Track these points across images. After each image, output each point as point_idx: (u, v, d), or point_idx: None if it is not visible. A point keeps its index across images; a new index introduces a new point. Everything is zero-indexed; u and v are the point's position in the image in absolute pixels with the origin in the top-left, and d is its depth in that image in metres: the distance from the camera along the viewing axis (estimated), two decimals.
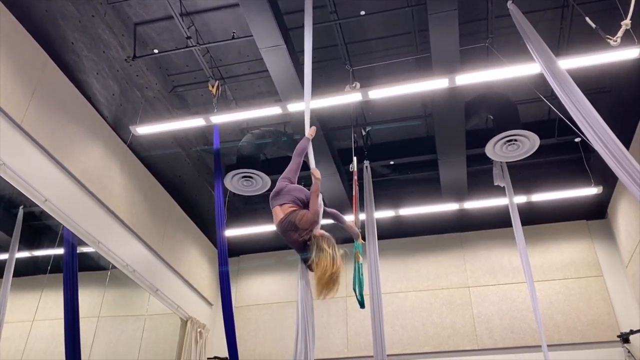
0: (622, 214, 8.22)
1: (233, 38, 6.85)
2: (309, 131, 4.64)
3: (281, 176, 4.31)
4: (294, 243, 4.04)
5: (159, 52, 7.18)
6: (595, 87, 7.21)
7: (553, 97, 5.99)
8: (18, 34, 5.71)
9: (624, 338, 7.91)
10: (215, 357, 9.02)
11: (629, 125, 7.09)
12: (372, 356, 6.47)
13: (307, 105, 4.93)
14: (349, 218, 5.91)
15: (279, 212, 4.08)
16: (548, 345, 6.66)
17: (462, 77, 6.26)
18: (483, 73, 6.27)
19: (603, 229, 8.97)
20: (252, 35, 6.25)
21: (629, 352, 7.81)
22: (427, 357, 8.62)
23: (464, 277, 9.15)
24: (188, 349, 8.39)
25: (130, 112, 7.49)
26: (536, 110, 7.96)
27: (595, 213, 9.04)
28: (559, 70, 4.64)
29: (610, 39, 4.75)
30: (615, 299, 8.38)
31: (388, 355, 6.53)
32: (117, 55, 7.02)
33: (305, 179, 5.35)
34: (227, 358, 7.97)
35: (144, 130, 7.11)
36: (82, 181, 6.49)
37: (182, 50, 7.02)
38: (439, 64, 6.29)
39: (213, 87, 7.25)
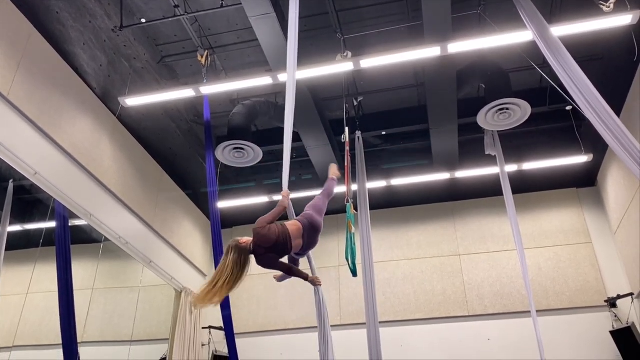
0: (612, 182, 8.30)
1: (222, 6, 6.72)
2: (332, 171, 4.57)
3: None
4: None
5: (146, 22, 7.04)
6: (588, 54, 7.19)
7: (545, 65, 5.96)
8: (0, 4, 5.57)
9: (611, 303, 8.07)
10: (209, 327, 9.13)
11: (621, 93, 7.09)
12: (364, 323, 6.57)
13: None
14: (341, 189, 5.94)
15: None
16: (537, 311, 6.79)
17: (454, 45, 6.21)
18: (475, 41, 6.22)
19: (592, 197, 9.06)
20: (241, 4, 6.13)
21: (615, 316, 7.99)
22: (419, 323, 8.78)
23: (454, 245, 9.26)
24: (183, 320, 8.49)
25: (118, 83, 7.38)
26: (528, 78, 7.94)
27: (585, 181, 9.12)
28: (551, 37, 4.61)
29: (604, 5, 4.72)
30: (604, 265, 8.52)
31: (380, 322, 6.64)
32: (104, 25, 6.88)
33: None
34: (221, 327, 8.11)
35: (133, 101, 7.03)
36: (71, 153, 6.43)
37: (170, 19, 6.89)
38: (431, 32, 6.22)
39: (202, 57, 7.14)
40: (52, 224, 6.76)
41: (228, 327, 6.98)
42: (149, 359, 8.51)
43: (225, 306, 6.89)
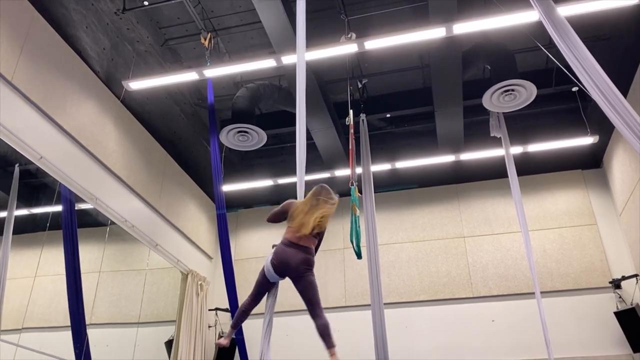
0: (617, 163, 8.26)
1: None
2: None
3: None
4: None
5: (149, 4, 6.99)
6: (594, 34, 7.09)
7: (551, 45, 5.89)
8: None
9: (616, 284, 8.09)
10: (216, 309, 9.22)
11: (627, 73, 7.02)
12: (369, 305, 6.62)
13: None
14: (345, 172, 5.93)
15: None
16: (541, 292, 6.81)
17: (459, 26, 6.14)
18: (480, 22, 6.15)
19: (598, 178, 9.02)
20: None
21: (620, 297, 8.01)
22: (423, 305, 8.83)
23: (459, 227, 9.27)
24: (189, 302, 8.57)
25: (122, 66, 7.36)
26: (534, 59, 7.87)
27: (590, 162, 9.07)
28: (557, 17, 4.54)
29: None
30: (608, 246, 8.51)
31: (385, 304, 6.69)
32: (107, 8, 6.84)
33: None
34: (227, 309, 8.18)
35: (136, 85, 7.02)
36: (76, 137, 6.44)
37: (173, 1, 6.84)
38: (436, 13, 6.16)
39: (205, 39, 7.11)
40: (58, 208, 6.80)
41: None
42: (156, 341, 8.62)
43: (231, 287, 6.94)
